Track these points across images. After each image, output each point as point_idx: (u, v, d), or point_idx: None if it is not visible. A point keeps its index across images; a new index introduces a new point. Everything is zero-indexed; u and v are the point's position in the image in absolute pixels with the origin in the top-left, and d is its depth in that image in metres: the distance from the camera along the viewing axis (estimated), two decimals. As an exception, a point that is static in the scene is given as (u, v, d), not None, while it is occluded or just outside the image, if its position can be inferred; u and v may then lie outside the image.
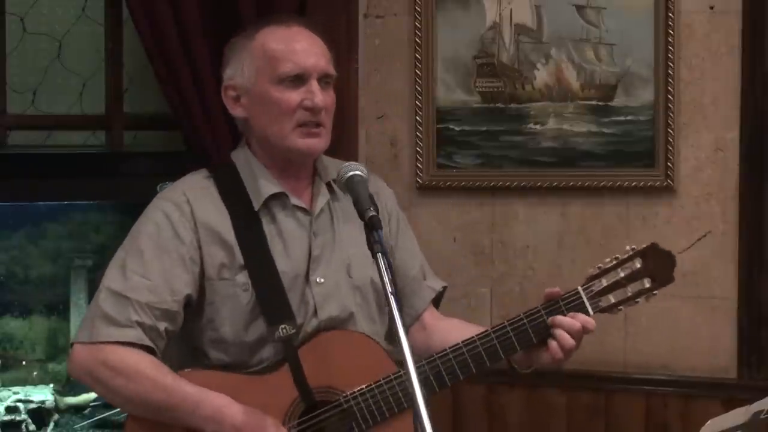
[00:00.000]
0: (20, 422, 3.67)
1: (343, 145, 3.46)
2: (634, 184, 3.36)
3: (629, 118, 3.35)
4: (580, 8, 3.37)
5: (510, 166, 3.46)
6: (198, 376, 2.36)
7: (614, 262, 2.45)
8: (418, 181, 3.55)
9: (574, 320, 2.39)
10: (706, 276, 3.32)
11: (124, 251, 2.41)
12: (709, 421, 2.26)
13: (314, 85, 2.42)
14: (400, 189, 3.57)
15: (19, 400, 3.69)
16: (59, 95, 3.72)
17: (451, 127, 3.50)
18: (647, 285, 2.47)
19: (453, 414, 3.49)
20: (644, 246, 2.48)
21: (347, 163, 2.35)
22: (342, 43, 3.49)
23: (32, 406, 3.69)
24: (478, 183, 3.50)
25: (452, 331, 2.54)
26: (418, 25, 3.50)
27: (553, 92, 3.42)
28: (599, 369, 3.40)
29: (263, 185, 2.45)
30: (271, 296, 2.39)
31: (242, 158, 2.51)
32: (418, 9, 3.50)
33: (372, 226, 2.19)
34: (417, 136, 3.53)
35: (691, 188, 3.33)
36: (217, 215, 2.42)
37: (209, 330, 2.41)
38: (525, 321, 2.41)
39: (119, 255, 2.41)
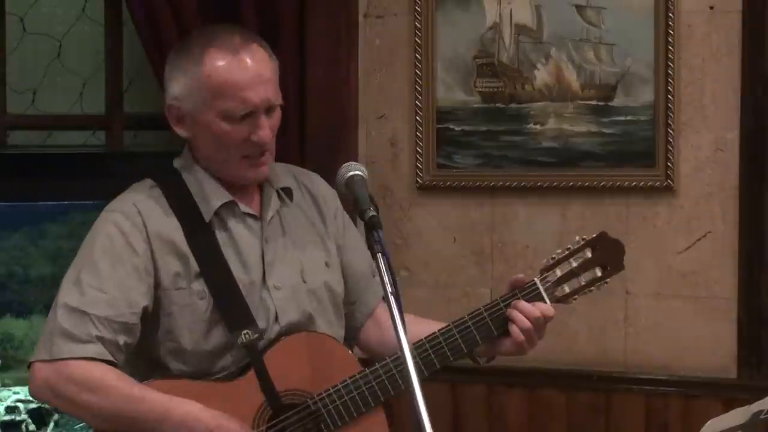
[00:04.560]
0: (20, 422, 3.67)
1: (343, 145, 3.46)
2: (634, 184, 3.36)
3: (629, 118, 3.35)
4: (580, 8, 3.37)
5: (510, 166, 3.46)
6: (162, 385, 2.33)
7: (566, 253, 2.49)
8: (418, 181, 3.55)
9: (533, 307, 2.42)
10: (706, 276, 3.32)
11: (77, 266, 2.37)
12: (709, 421, 2.26)
13: (262, 119, 2.38)
14: (400, 189, 3.58)
15: (19, 400, 3.69)
16: (59, 95, 3.71)
17: (451, 127, 3.50)
18: (599, 274, 2.50)
19: (453, 414, 3.49)
20: (594, 235, 2.51)
21: (347, 164, 2.34)
22: (342, 43, 3.49)
23: (32, 406, 3.69)
24: (478, 183, 3.50)
25: (408, 326, 2.53)
26: (418, 25, 3.50)
27: (553, 92, 3.42)
28: (599, 369, 3.41)
29: (212, 195, 2.43)
30: (229, 303, 2.37)
31: (187, 167, 2.47)
32: (418, 9, 3.50)
33: (372, 226, 2.18)
34: (417, 136, 3.53)
35: (691, 188, 3.33)
36: (168, 225, 2.39)
37: (168, 341, 2.38)
38: (485, 314, 2.44)
39: (73, 270, 2.37)
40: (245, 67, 2.36)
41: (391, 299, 2.09)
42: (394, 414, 2.46)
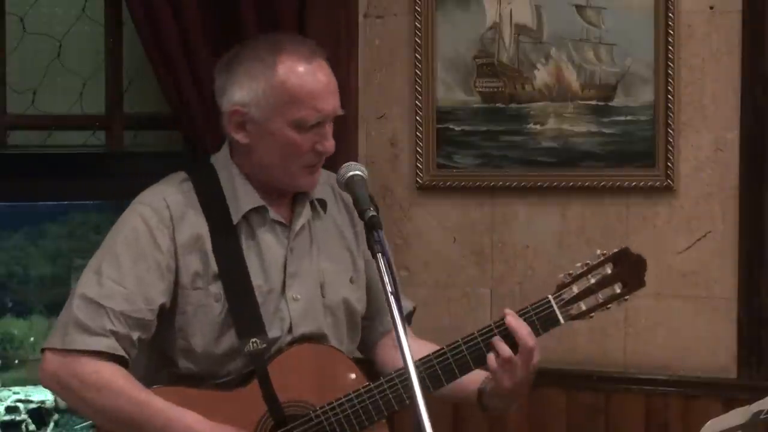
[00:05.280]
0: (20, 422, 3.67)
1: (343, 145, 3.44)
2: (634, 184, 3.36)
3: (629, 118, 3.35)
4: (580, 8, 3.37)
5: (510, 166, 3.46)
6: (168, 392, 2.33)
7: (585, 269, 2.43)
8: (418, 181, 3.55)
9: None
10: (706, 276, 3.32)
11: (100, 256, 2.37)
12: (709, 421, 2.25)
13: (327, 129, 2.38)
14: (400, 189, 3.58)
15: (19, 400, 3.69)
16: (59, 95, 3.71)
17: (451, 127, 3.50)
18: (618, 291, 2.45)
19: (453, 414, 3.49)
20: (615, 251, 2.45)
21: (347, 164, 2.35)
22: (342, 43, 3.49)
23: (32, 406, 3.69)
24: (478, 183, 3.50)
25: (423, 350, 2.48)
26: (418, 25, 3.50)
27: (553, 92, 3.42)
28: (599, 369, 3.40)
29: (243, 198, 2.41)
30: (243, 309, 2.36)
31: (223, 165, 2.46)
32: (418, 9, 3.50)
33: (372, 226, 2.19)
34: (417, 136, 3.53)
35: (691, 188, 3.33)
36: (195, 223, 2.38)
37: (180, 339, 2.38)
38: (495, 330, 2.38)
39: (95, 260, 2.37)
40: (318, 77, 2.37)
41: (391, 299, 2.09)
42: (394, 415, 2.45)
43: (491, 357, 2.36)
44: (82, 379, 2.29)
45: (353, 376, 2.41)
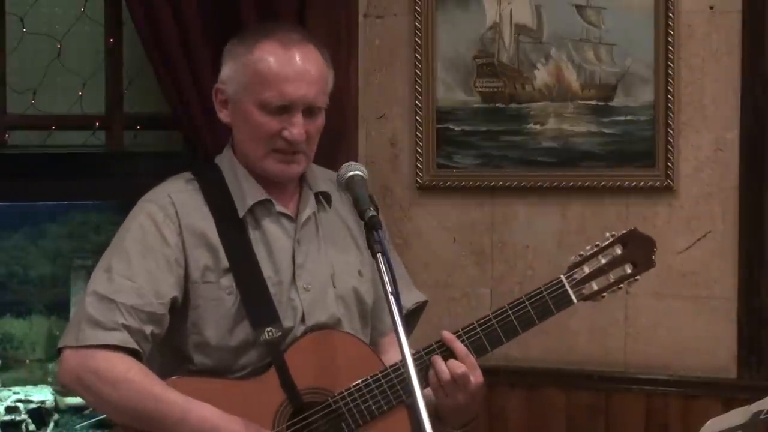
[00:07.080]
0: (20, 422, 3.67)
1: (343, 145, 3.46)
2: (634, 184, 3.36)
3: (629, 118, 3.35)
4: (580, 8, 3.37)
5: (510, 166, 3.46)
6: (185, 383, 2.34)
7: (595, 249, 2.45)
8: (418, 181, 3.55)
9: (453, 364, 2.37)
10: (706, 276, 3.32)
11: (109, 254, 2.39)
12: (709, 421, 2.26)
13: (297, 117, 2.37)
14: (400, 189, 3.58)
15: (19, 400, 3.69)
16: (59, 95, 3.72)
17: (451, 127, 3.50)
18: (629, 271, 2.46)
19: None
20: (624, 232, 2.47)
21: (347, 164, 2.35)
22: (342, 43, 3.49)
23: (32, 406, 3.70)
24: (478, 183, 3.50)
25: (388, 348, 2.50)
26: (418, 25, 3.50)
27: (553, 92, 3.42)
28: (599, 369, 3.41)
29: (248, 192, 2.43)
30: (256, 300, 2.37)
31: (227, 162, 2.48)
32: (418, 9, 3.50)
33: (372, 226, 2.20)
34: (417, 136, 3.53)
35: (691, 188, 3.33)
36: (201, 218, 2.40)
37: (193, 334, 2.39)
38: (527, 303, 2.43)
39: (105, 258, 2.40)
40: (292, 62, 2.38)
41: (391, 299, 2.10)
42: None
43: (432, 375, 2.37)
44: (98, 375, 2.30)
45: (369, 361, 2.40)
